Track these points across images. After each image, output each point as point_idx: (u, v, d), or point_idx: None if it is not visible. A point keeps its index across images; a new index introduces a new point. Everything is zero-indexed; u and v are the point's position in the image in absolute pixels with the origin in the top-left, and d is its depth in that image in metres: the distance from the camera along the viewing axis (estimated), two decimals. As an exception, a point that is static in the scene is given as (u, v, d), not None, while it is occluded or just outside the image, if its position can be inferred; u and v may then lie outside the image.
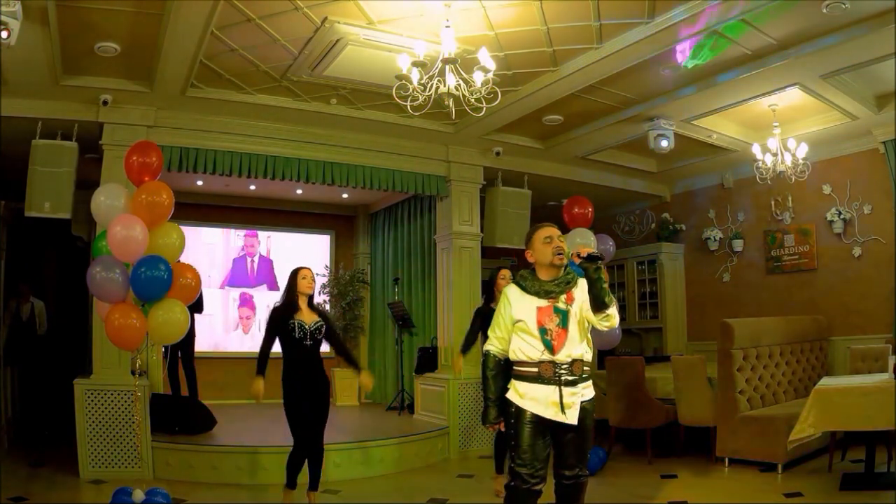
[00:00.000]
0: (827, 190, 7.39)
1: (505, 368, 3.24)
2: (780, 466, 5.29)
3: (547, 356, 3.09)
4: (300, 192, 8.85)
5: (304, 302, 4.58)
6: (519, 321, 3.15)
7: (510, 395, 3.18)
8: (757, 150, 6.39)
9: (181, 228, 4.71)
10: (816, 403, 4.58)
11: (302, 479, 4.60)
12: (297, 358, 4.49)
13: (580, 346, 3.14)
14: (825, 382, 4.95)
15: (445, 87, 4.12)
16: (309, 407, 4.50)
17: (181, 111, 5.95)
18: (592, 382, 3.23)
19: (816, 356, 6.91)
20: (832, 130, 6.75)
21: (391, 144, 6.96)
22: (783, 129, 6.39)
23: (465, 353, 5.29)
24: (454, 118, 6.18)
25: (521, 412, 3.12)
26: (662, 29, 4.55)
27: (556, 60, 5.24)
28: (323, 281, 9.58)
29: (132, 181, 4.67)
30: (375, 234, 9.98)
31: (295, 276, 4.61)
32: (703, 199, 8.81)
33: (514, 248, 7.76)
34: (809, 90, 5.79)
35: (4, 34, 3.82)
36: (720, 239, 8.51)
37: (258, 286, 9.59)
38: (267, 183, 7.24)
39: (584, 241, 6.28)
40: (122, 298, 4.34)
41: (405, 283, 8.92)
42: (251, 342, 9.06)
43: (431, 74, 4.16)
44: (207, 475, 5.50)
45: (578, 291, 3.18)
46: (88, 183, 5.65)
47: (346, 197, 9.35)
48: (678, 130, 6.58)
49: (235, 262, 9.53)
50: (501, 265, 5.74)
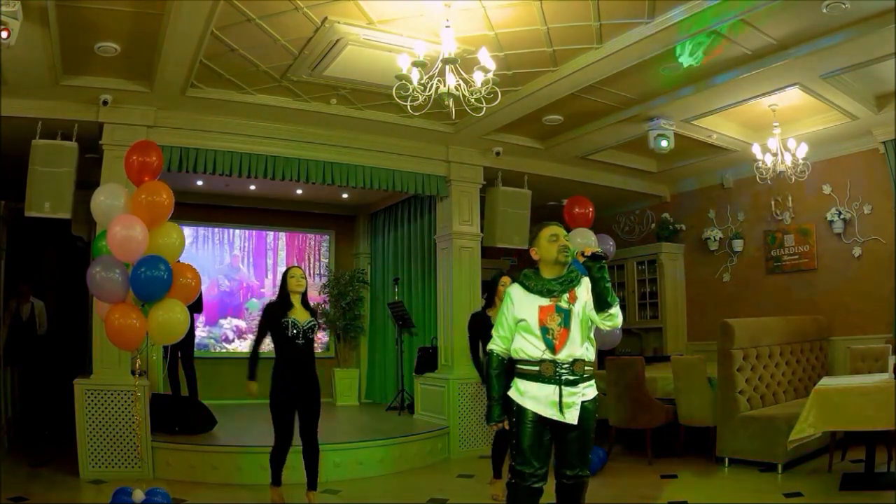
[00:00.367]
0: (827, 190, 7.39)
1: (509, 367, 3.26)
2: (780, 466, 5.29)
3: (548, 355, 3.10)
4: (300, 192, 8.85)
5: (297, 300, 4.67)
6: (521, 320, 3.16)
7: (511, 392, 3.19)
8: (757, 150, 6.39)
9: (181, 228, 4.70)
10: (816, 403, 4.57)
11: (301, 478, 4.61)
12: (290, 357, 4.53)
13: (582, 345, 3.14)
14: (825, 382, 4.94)
15: (445, 87, 4.13)
16: (304, 408, 4.54)
17: (181, 111, 5.95)
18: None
19: (816, 356, 6.91)
20: (832, 130, 6.75)
21: (391, 144, 6.95)
22: (783, 129, 6.38)
23: (476, 360, 5.22)
24: (454, 118, 6.18)
25: (522, 411, 3.13)
26: (662, 29, 4.55)
27: (556, 60, 5.23)
28: (323, 281, 9.58)
29: (132, 181, 4.66)
30: (375, 234, 9.98)
31: (285, 276, 4.73)
32: (703, 199, 8.80)
33: (514, 248, 7.75)
34: (809, 90, 5.79)
35: (4, 34, 3.82)
36: (720, 239, 8.50)
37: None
38: (267, 183, 7.25)
39: (585, 241, 6.27)
40: (121, 298, 4.33)
41: (405, 283, 8.92)
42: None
43: (431, 74, 4.16)
44: (207, 475, 5.51)
45: (582, 291, 3.19)
46: (88, 183, 5.64)
47: (346, 197, 9.33)
48: (678, 130, 6.58)
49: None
50: (502, 269, 5.70)
